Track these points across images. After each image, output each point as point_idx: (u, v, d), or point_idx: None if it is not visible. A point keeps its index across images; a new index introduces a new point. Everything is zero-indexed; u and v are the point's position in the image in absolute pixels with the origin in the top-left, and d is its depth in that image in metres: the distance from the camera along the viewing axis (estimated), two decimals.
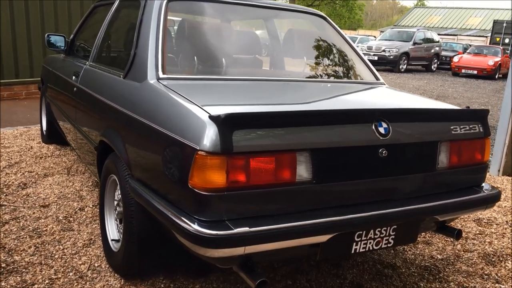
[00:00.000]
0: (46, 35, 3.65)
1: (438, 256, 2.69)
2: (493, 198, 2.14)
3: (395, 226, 1.88)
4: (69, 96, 3.15)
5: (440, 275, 2.46)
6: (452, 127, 2.03)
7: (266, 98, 2.20)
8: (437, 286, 2.36)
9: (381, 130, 1.82)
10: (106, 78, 2.54)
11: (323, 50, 2.90)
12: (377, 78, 2.76)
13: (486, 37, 28.56)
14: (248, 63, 2.63)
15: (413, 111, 2.05)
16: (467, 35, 31.78)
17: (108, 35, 2.91)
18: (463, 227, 3.10)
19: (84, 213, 2.98)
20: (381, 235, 1.87)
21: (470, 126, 2.09)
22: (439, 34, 21.86)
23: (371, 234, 1.84)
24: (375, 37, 22.87)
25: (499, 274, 2.50)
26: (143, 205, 1.87)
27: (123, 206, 2.09)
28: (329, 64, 2.83)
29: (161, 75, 2.06)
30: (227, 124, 1.53)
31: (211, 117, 1.56)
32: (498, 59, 17.33)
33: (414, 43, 17.88)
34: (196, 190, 1.56)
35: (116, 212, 2.32)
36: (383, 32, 22.04)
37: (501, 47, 18.99)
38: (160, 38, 2.17)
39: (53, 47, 3.68)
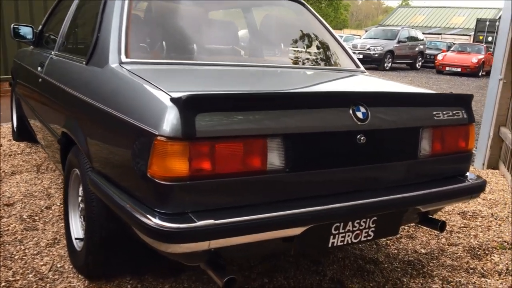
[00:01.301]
0: (12, 25, 3.46)
1: (422, 250, 2.58)
2: (478, 188, 2.03)
3: (375, 218, 1.76)
4: (35, 89, 2.97)
5: (424, 270, 2.35)
6: (434, 113, 1.92)
7: (238, 84, 2.06)
8: (421, 281, 2.25)
9: (359, 115, 1.70)
10: (69, 66, 2.38)
11: (302, 36, 2.77)
12: (357, 66, 2.64)
13: (470, 35, 28.79)
14: (223, 50, 2.49)
15: (393, 95, 1.93)
16: (450, 34, 32.03)
17: (73, 22, 2.75)
18: (448, 220, 3.00)
19: (51, 211, 2.81)
20: (360, 227, 1.74)
21: (454, 112, 1.98)
22: (423, 33, 21.95)
23: (349, 226, 1.71)
24: (360, 36, 22.87)
25: (484, 268, 2.40)
26: (103, 200, 1.72)
27: (84, 201, 1.94)
28: (307, 51, 2.71)
29: (123, 59, 1.91)
30: (189, 107, 1.39)
31: (172, 100, 1.42)
32: (481, 56, 17.44)
33: (399, 41, 17.90)
34: (156, 180, 1.41)
35: (80, 209, 2.16)
36: (368, 31, 22.07)
37: (484, 45, 19.14)
38: (124, 20, 2.02)
39: (20, 39, 3.50)
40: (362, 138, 1.70)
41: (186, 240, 1.39)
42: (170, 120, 1.39)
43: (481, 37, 23.73)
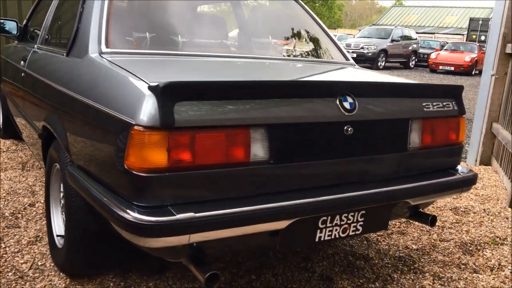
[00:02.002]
0: None
1: (413, 246, 2.53)
2: (470, 181, 1.99)
3: (364, 212, 1.71)
4: (18, 84, 2.90)
5: (415, 266, 2.30)
6: (424, 104, 1.87)
7: (223, 75, 2.00)
8: (412, 277, 2.20)
9: (346, 105, 1.65)
10: (50, 58, 2.32)
11: (291, 29, 2.72)
12: (346, 59, 2.59)
13: (463, 35, 28.88)
14: (209, 43, 2.43)
15: (381, 85, 1.88)
16: (444, 33, 32.12)
17: (56, 15, 2.68)
18: (440, 216, 2.96)
19: (34, 209, 2.74)
20: (348, 221, 1.69)
21: (444, 104, 1.94)
22: (417, 33, 21.98)
23: (336, 220, 1.66)
24: (353, 35, 22.87)
25: (476, 264, 2.36)
26: (81, 194, 1.65)
27: (64, 196, 1.87)
28: (297, 44, 2.66)
29: (104, 49, 1.85)
30: (167, 95, 1.33)
31: (150, 88, 1.36)
32: (474, 55, 17.47)
33: (392, 40, 17.90)
34: (133, 172, 1.36)
35: (62, 205, 2.09)
36: (361, 30, 22.06)
37: (477, 44, 19.18)
38: (104, 10, 1.96)
39: (5, 34, 3.42)
40: (349, 129, 1.65)
41: (165, 234, 1.33)
42: (147, 109, 1.33)
43: (474, 36, 23.81)
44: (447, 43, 21.84)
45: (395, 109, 1.81)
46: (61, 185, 2.10)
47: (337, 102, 1.63)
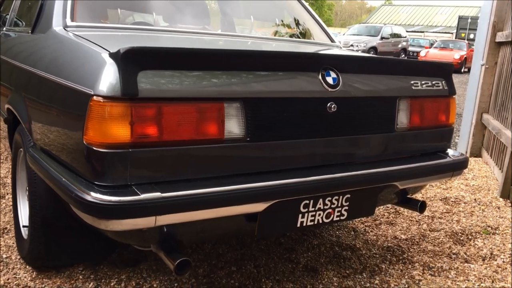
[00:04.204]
0: None
1: (402, 236, 2.43)
2: (461, 164, 1.89)
3: (349, 195, 1.59)
4: None
5: (404, 256, 2.19)
6: (412, 82, 1.77)
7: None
8: (401, 267, 2.10)
9: (329, 80, 1.53)
10: (16, 39, 2.18)
11: (275, 10, 2.60)
12: (332, 41, 2.48)
13: (452, 33, 28.98)
14: (185, 19, 2.29)
15: (366, 60, 1.77)
16: (433, 32, 32.25)
17: None
18: (429, 206, 2.86)
19: (4, 201, 2.60)
20: (332, 206, 1.58)
21: (433, 82, 1.83)
22: (406, 31, 22.02)
23: (320, 204, 1.54)
24: (343, 33, 22.85)
25: (468, 253, 2.26)
26: (41, 176, 1.52)
27: (27, 182, 1.74)
28: (281, 25, 2.54)
29: (69, 22, 1.72)
30: (129, 62, 1.21)
31: (111, 54, 1.24)
32: (463, 53, 17.50)
33: (382, 38, 17.90)
34: (93, 147, 1.23)
35: (27, 193, 1.95)
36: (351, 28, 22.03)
37: (467, 42, 19.23)
38: None
39: None
40: (332, 106, 1.53)
41: (128, 216, 1.20)
42: (107, 77, 1.21)
43: (463, 34, 23.89)
44: (436, 41, 21.90)
45: (381, 86, 1.70)
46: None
47: (320, 77, 1.52)
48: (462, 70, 17.27)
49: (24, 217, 2.01)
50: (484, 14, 4.14)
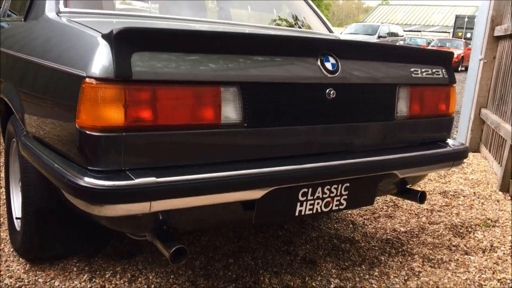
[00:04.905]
0: None
1: (402, 229, 2.40)
2: (461, 154, 1.86)
3: (348, 184, 1.56)
4: None
5: (403, 248, 2.17)
6: (412, 70, 1.74)
7: None
8: (400, 259, 2.07)
9: (328, 66, 1.50)
10: (9, 27, 2.14)
11: (273, 0, 2.57)
12: (330, 31, 2.45)
13: (449, 32, 29.05)
14: (182, 6, 2.24)
15: (366, 46, 1.74)
16: (430, 31, 32.30)
17: None
18: (429, 199, 2.84)
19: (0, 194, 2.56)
20: (331, 195, 1.55)
21: (433, 71, 1.80)
22: (404, 31, 22.02)
23: (318, 192, 1.51)
24: (340, 32, 22.84)
25: (468, 245, 2.23)
26: (33, 164, 1.49)
27: (20, 172, 1.70)
28: (279, 15, 2.50)
29: (62, 8, 1.68)
30: (123, 42, 1.17)
31: (104, 36, 1.20)
32: (460, 52, 17.50)
33: (379, 37, 17.86)
34: (86, 131, 1.19)
35: (20, 184, 1.92)
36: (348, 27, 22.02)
37: (464, 41, 19.26)
38: None
39: None
40: (331, 92, 1.50)
41: (122, 201, 1.17)
42: (100, 59, 1.17)
43: (460, 34, 23.93)
44: (433, 40, 21.91)
45: (381, 73, 1.67)
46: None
47: (318, 62, 1.49)
48: (459, 69, 17.27)
49: (17, 209, 1.98)
50: (482, 8, 4.13)
